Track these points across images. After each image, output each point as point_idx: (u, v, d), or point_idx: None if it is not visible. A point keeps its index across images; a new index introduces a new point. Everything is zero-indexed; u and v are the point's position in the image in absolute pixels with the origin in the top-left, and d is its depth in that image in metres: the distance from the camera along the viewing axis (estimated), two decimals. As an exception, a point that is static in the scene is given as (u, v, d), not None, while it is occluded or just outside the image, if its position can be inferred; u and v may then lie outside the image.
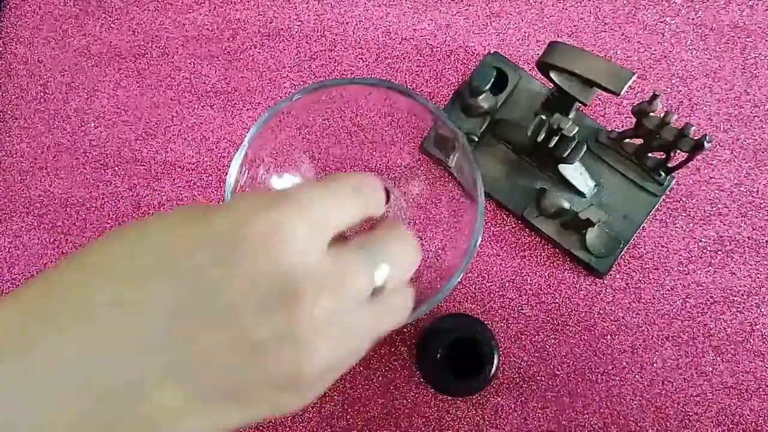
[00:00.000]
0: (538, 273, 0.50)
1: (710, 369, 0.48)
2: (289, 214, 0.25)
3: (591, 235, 0.48)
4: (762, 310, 0.49)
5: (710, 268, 0.49)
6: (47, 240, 0.50)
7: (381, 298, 0.28)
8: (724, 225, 0.50)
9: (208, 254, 0.24)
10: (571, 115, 0.48)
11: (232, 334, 0.24)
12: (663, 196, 0.49)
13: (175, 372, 0.24)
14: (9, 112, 0.52)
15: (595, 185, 0.49)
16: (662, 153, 0.47)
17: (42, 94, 0.52)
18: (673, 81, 0.52)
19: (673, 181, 0.49)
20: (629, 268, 0.50)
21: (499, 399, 0.48)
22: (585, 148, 0.45)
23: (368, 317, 0.27)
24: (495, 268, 0.50)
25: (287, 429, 0.48)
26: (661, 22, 0.53)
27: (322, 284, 0.25)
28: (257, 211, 0.25)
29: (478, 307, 0.49)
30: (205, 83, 0.52)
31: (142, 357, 0.23)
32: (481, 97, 0.48)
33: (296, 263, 0.24)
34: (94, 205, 0.51)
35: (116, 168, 0.51)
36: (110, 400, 0.23)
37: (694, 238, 0.50)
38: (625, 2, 0.53)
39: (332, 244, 0.26)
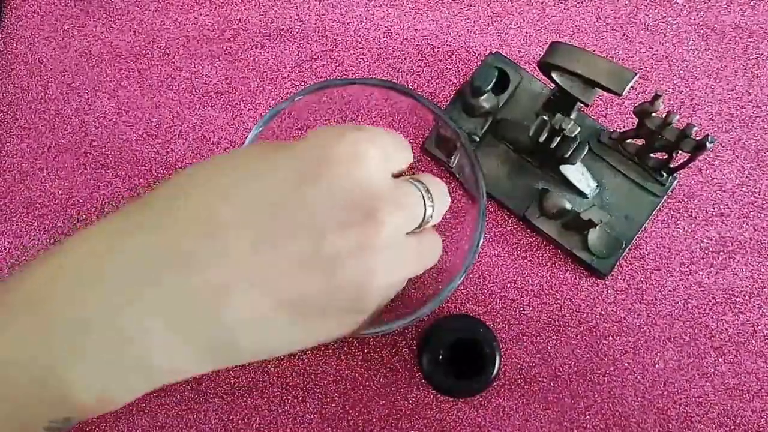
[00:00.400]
0: (539, 274, 0.50)
1: (712, 370, 0.48)
2: (365, 142, 0.28)
3: (592, 235, 0.48)
4: (764, 310, 0.49)
5: (712, 268, 0.49)
6: (47, 240, 0.50)
7: (423, 237, 0.31)
8: (726, 226, 0.50)
9: (294, 172, 0.27)
10: (572, 116, 0.48)
11: (316, 243, 0.26)
12: (665, 197, 0.49)
13: (259, 281, 0.25)
14: (9, 112, 0.52)
15: (597, 186, 0.49)
16: (664, 153, 0.47)
17: (42, 94, 0.52)
18: (675, 81, 0.52)
19: (675, 182, 0.49)
20: (631, 268, 0.49)
21: (500, 400, 0.48)
22: (587, 149, 0.45)
23: (414, 251, 0.30)
24: (496, 269, 0.50)
25: (288, 429, 0.48)
26: (663, 22, 0.53)
27: (392, 203, 0.28)
28: (337, 137, 0.28)
29: (480, 308, 0.49)
30: (206, 83, 0.52)
31: (229, 265, 0.25)
32: (482, 98, 0.48)
33: (373, 183, 0.27)
34: (94, 205, 0.51)
35: (117, 168, 0.51)
36: (198, 303, 0.25)
37: (696, 238, 0.50)
38: (626, 2, 0.53)
39: None
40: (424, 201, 0.31)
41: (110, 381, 0.25)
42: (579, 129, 0.43)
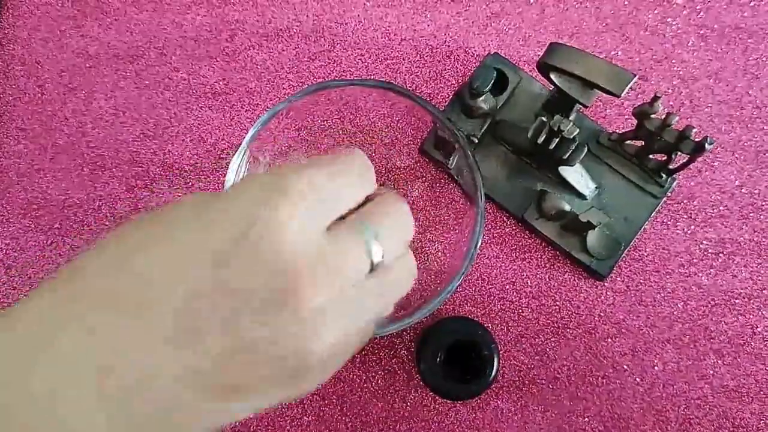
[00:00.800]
0: (538, 275, 0.49)
1: (711, 372, 0.48)
2: (285, 207, 0.25)
3: (591, 237, 0.48)
4: (763, 312, 0.49)
5: (711, 270, 0.49)
6: (45, 242, 0.50)
7: (383, 271, 0.28)
8: (726, 227, 0.50)
9: (210, 253, 0.25)
10: (571, 117, 0.48)
11: (237, 335, 0.24)
12: (664, 198, 0.49)
13: (187, 371, 0.24)
14: (6, 113, 0.52)
15: (596, 187, 0.49)
16: (663, 155, 0.46)
17: (40, 95, 0.52)
18: (675, 82, 0.52)
19: (674, 183, 0.49)
20: (630, 270, 0.49)
21: (499, 402, 0.48)
22: (585, 150, 0.45)
23: (371, 294, 0.27)
24: (495, 271, 0.49)
25: (286, 431, 0.48)
26: (663, 23, 0.52)
27: (320, 273, 0.25)
28: (253, 211, 0.25)
29: (478, 310, 0.49)
30: (203, 84, 0.52)
31: (156, 355, 0.24)
32: (481, 99, 0.47)
33: (292, 257, 0.24)
34: (91, 206, 0.51)
35: (114, 169, 0.51)
36: (131, 395, 0.24)
37: (696, 240, 0.50)
38: (626, 3, 0.53)
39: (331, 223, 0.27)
40: (370, 246, 0.27)
41: None
42: (578, 130, 0.43)
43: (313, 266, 0.25)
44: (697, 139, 0.43)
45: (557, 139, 0.44)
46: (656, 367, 0.48)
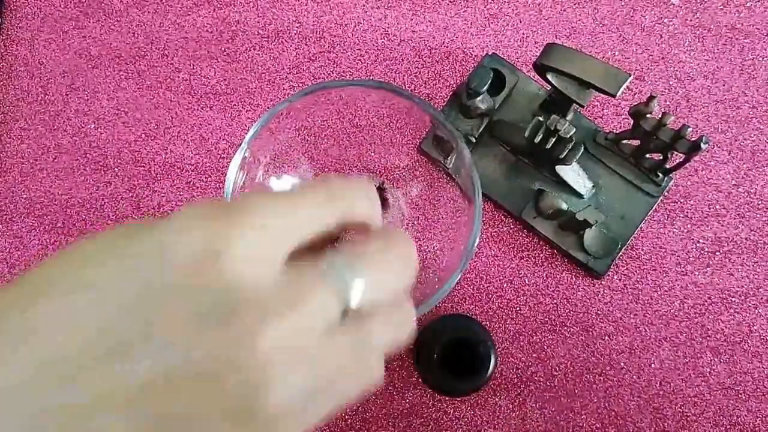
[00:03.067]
0: (535, 274, 0.50)
1: (708, 370, 0.48)
2: (230, 226, 0.21)
3: (589, 235, 0.48)
4: (760, 311, 0.49)
5: (708, 269, 0.50)
6: (48, 240, 0.51)
7: (362, 322, 0.23)
8: (722, 226, 0.50)
9: (135, 277, 0.22)
10: (568, 117, 0.48)
11: (166, 363, 0.21)
12: (661, 197, 0.49)
13: (113, 401, 0.21)
14: (10, 113, 0.52)
15: (593, 186, 0.49)
16: (659, 154, 0.47)
17: (42, 95, 0.52)
18: (671, 82, 0.52)
19: (671, 182, 0.50)
20: (627, 269, 0.50)
21: (497, 399, 0.48)
22: (582, 150, 0.45)
23: (344, 345, 0.23)
24: (493, 269, 0.50)
25: (286, 429, 0.48)
26: (659, 23, 0.53)
27: (270, 306, 0.21)
28: (193, 224, 0.21)
29: (476, 308, 0.49)
30: (204, 85, 0.52)
31: (75, 380, 0.21)
32: (478, 99, 0.48)
33: (234, 282, 0.21)
34: (94, 206, 0.51)
35: (116, 169, 0.52)
36: (48, 423, 0.21)
37: (692, 239, 0.50)
38: (623, 4, 0.53)
39: (305, 255, 0.23)
40: (341, 289, 0.23)
41: None
42: (574, 130, 0.43)
43: (256, 300, 0.21)
44: (692, 139, 0.43)
45: (554, 139, 0.44)
46: (653, 365, 0.49)
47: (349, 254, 0.23)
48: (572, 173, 0.48)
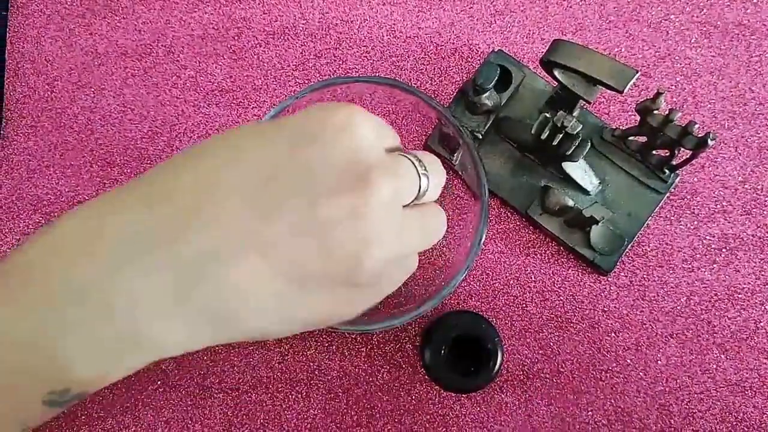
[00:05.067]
0: (542, 270, 0.50)
1: (714, 366, 0.48)
2: (358, 113, 0.28)
3: (595, 232, 0.48)
4: (766, 307, 0.49)
5: (714, 265, 0.50)
6: (54, 237, 0.51)
7: (423, 206, 0.31)
8: (729, 222, 0.50)
9: (287, 141, 0.27)
10: (575, 113, 0.48)
11: (308, 209, 0.26)
12: (667, 194, 0.49)
13: (254, 245, 0.25)
14: (16, 110, 0.52)
15: (600, 183, 0.49)
16: (666, 151, 0.47)
17: (49, 92, 0.53)
18: (678, 78, 0.52)
19: (678, 179, 0.49)
20: (633, 265, 0.50)
21: (503, 396, 0.48)
22: (589, 146, 0.45)
23: (415, 221, 0.30)
24: (499, 266, 0.50)
25: (292, 425, 0.48)
26: (666, 19, 0.53)
27: (386, 170, 0.27)
28: (330, 110, 0.27)
29: (483, 304, 0.49)
30: (210, 82, 0.53)
31: (221, 232, 0.25)
32: (485, 95, 0.48)
33: (365, 151, 0.27)
34: (100, 202, 0.51)
35: (123, 166, 0.52)
36: (191, 271, 0.25)
37: (699, 235, 0.50)
38: (629, 0, 0.53)
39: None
40: (418, 172, 0.30)
41: (104, 353, 0.25)
42: (581, 126, 0.43)
43: (379, 166, 0.27)
44: (699, 135, 0.43)
45: (560, 135, 0.44)
46: (659, 362, 0.49)
47: (417, 155, 0.31)
48: (579, 170, 0.48)
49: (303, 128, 0.27)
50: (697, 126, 0.43)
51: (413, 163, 0.30)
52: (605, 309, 0.49)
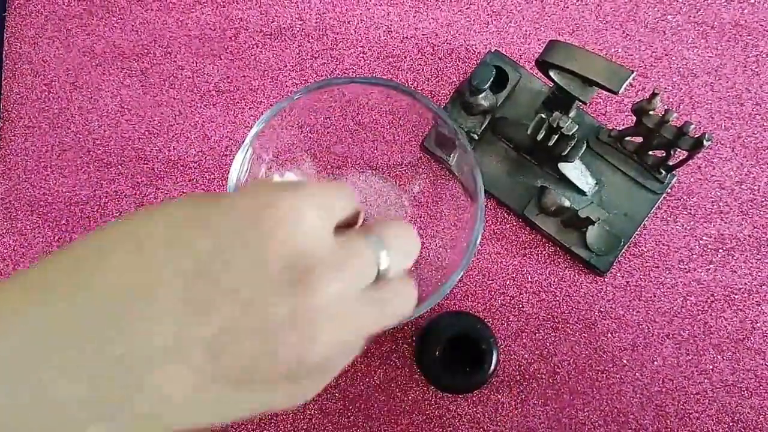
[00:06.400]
0: (538, 271, 0.50)
1: (711, 367, 0.48)
2: (300, 199, 0.26)
3: (591, 233, 0.48)
4: (763, 308, 0.49)
5: (711, 266, 0.50)
6: (52, 238, 0.51)
7: (384, 287, 0.28)
8: (725, 223, 0.50)
9: (222, 238, 0.25)
10: (571, 114, 0.48)
11: (244, 310, 0.24)
12: (664, 194, 0.49)
13: (184, 352, 0.24)
14: (14, 111, 0.52)
15: (596, 183, 0.49)
16: (662, 151, 0.47)
17: (46, 93, 0.53)
18: (674, 79, 0.52)
19: (674, 179, 0.49)
20: (630, 266, 0.50)
21: (499, 396, 0.48)
22: (585, 147, 0.45)
23: (372, 305, 0.27)
24: (495, 266, 0.50)
25: (288, 426, 0.48)
26: (663, 20, 0.53)
27: (332, 264, 0.25)
28: (268, 199, 0.25)
29: (479, 305, 0.49)
30: (207, 82, 0.53)
31: (151, 336, 0.23)
32: (481, 96, 0.48)
33: (308, 244, 0.25)
34: (98, 203, 0.51)
35: (120, 166, 0.52)
36: (119, 377, 0.23)
37: (695, 236, 0.50)
38: (626, 0, 0.53)
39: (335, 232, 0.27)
40: (376, 254, 0.28)
41: None
42: (577, 127, 0.43)
43: (325, 260, 0.25)
44: (695, 136, 0.43)
45: (557, 136, 0.44)
46: (656, 362, 0.49)
47: (375, 229, 0.29)
48: (575, 170, 0.48)
49: (238, 223, 0.25)
50: (692, 126, 0.43)
51: (370, 243, 0.28)
52: (601, 309, 0.49)
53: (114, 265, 0.24)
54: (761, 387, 0.48)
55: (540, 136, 0.44)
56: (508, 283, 0.50)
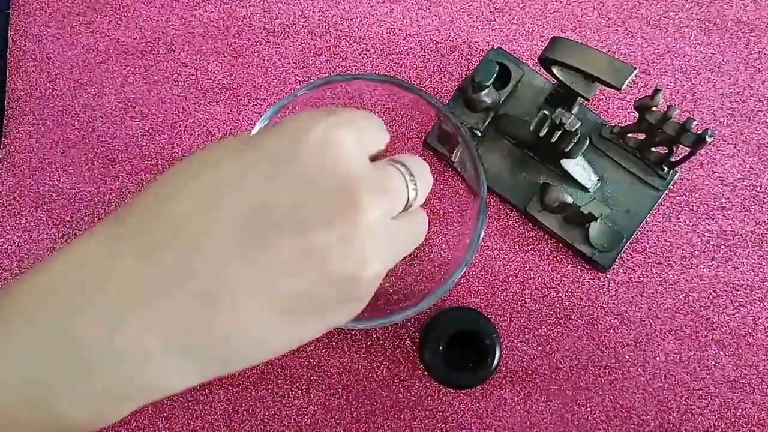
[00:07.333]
0: (541, 267, 0.50)
1: (713, 363, 0.49)
2: (337, 127, 0.26)
3: (594, 229, 0.48)
4: (765, 304, 0.49)
5: (713, 262, 0.50)
6: (56, 234, 0.51)
7: (411, 214, 0.30)
8: (727, 219, 0.50)
9: (268, 169, 0.25)
10: (574, 110, 0.48)
11: (300, 241, 0.25)
12: (666, 191, 0.49)
13: (247, 286, 0.25)
14: (18, 108, 0.53)
15: (598, 180, 0.50)
16: (665, 147, 0.47)
17: (50, 90, 0.53)
18: (677, 76, 0.52)
19: (676, 176, 0.50)
20: (632, 262, 0.50)
21: (502, 392, 0.48)
22: (587, 143, 0.45)
23: (405, 229, 0.29)
24: (498, 262, 0.50)
25: (292, 422, 0.48)
26: (665, 17, 0.53)
27: (374, 188, 0.26)
28: (307, 126, 0.26)
29: (482, 301, 0.50)
30: (211, 79, 0.53)
31: (214, 275, 0.24)
32: (484, 93, 0.48)
33: (351, 170, 0.26)
34: (102, 200, 0.52)
35: (124, 163, 0.52)
36: (190, 318, 0.24)
37: (697, 232, 0.50)
38: (628, -3, 0.53)
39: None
40: (407, 183, 0.29)
41: (105, 401, 0.25)
42: (579, 123, 0.43)
43: (367, 184, 0.26)
44: (697, 132, 0.43)
45: (559, 132, 0.44)
46: (658, 358, 0.49)
47: (401, 161, 0.30)
48: (577, 167, 0.48)
49: (282, 153, 0.26)
50: (695, 123, 0.43)
51: (402, 173, 0.29)
52: (604, 306, 0.49)
53: (170, 220, 0.25)
54: (763, 383, 0.48)
55: (543, 133, 0.45)
56: (510, 279, 0.50)
